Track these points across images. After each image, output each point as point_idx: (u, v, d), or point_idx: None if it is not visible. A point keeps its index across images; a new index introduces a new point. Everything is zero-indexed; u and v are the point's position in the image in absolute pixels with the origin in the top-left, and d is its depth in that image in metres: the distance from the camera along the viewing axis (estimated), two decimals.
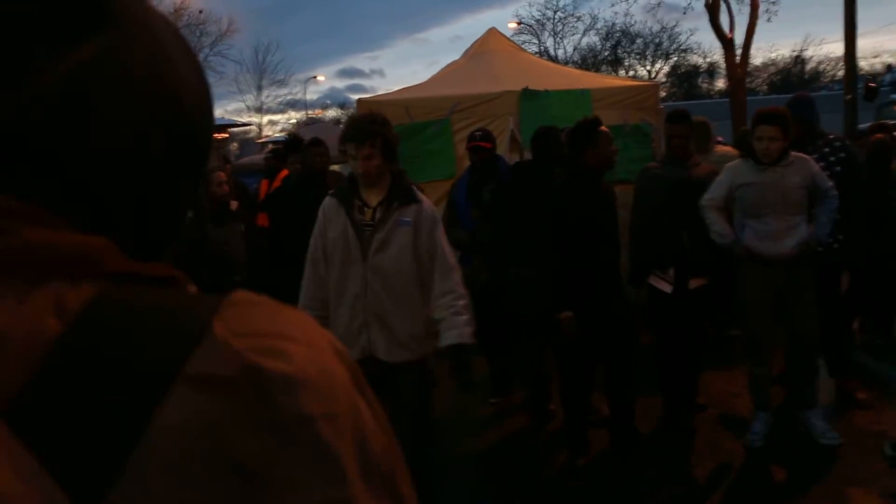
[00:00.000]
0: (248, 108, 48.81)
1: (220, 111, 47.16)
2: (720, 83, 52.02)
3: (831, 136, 5.13)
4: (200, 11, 36.40)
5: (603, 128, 4.52)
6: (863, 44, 68.99)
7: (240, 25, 45.13)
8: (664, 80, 52.09)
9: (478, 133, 5.48)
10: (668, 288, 4.85)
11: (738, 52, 21.12)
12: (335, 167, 6.98)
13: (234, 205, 5.52)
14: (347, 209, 3.42)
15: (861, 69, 49.87)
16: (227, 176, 5.66)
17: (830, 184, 4.54)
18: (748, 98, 24.56)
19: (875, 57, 60.62)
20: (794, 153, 4.53)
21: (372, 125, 3.37)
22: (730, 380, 5.63)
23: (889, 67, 59.91)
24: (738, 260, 4.64)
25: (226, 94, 78.55)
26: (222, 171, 5.61)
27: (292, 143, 6.84)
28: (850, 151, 5.07)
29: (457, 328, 3.42)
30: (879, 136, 6.45)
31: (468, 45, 9.38)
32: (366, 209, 3.43)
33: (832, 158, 4.98)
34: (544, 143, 5.15)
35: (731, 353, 6.07)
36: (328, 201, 3.52)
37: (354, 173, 3.45)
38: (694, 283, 4.87)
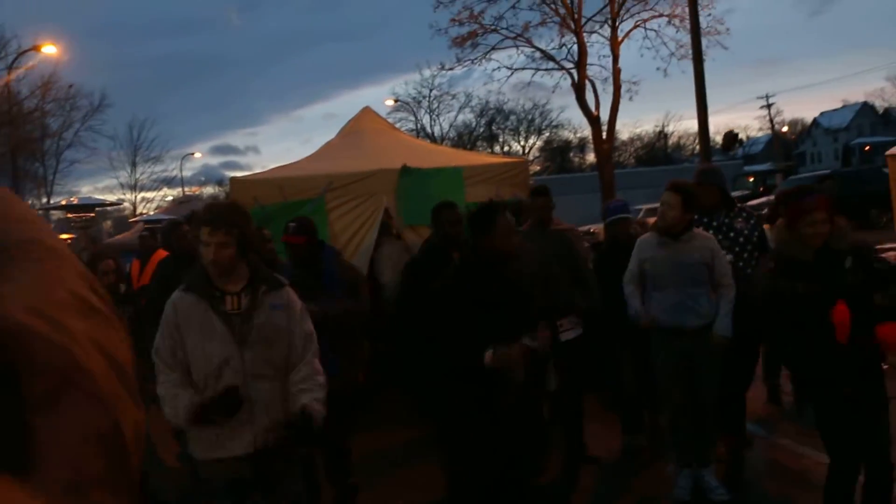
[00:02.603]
0: (122, 186, 47.40)
1: (90, 188, 45.51)
2: (591, 157, 54.44)
3: (739, 204, 5.54)
4: (70, 86, 35.36)
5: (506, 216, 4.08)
6: (717, 120, 74.22)
7: (112, 100, 43.80)
8: (537, 154, 54.12)
9: (291, 225, 4.92)
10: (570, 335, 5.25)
11: (605, 128, 22.25)
12: None
13: (122, 288, 5.37)
14: (211, 302, 3.21)
15: (717, 143, 53.50)
16: (115, 262, 5.49)
17: (728, 272, 4.74)
18: (617, 171, 25.83)
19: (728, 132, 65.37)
20: (697, 230, 4.78)
21: (232, 215, 3.26)
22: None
23: (741, 142, 64.37)
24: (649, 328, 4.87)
25: (98, 171, 76.01)
26: (111, 259, 5.44)
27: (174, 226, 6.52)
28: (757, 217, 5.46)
29: (311, 394, 3.28)
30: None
31: (341, 123, 9.53)
32: (227, 297, 3.24)
33: (752, 222, 5.30)
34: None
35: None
36: (181, 297, 3.25)
37: (204, 262, 3.25)
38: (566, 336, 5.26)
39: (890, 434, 3.74)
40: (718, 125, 71.69)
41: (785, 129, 65.06)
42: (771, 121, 57.68)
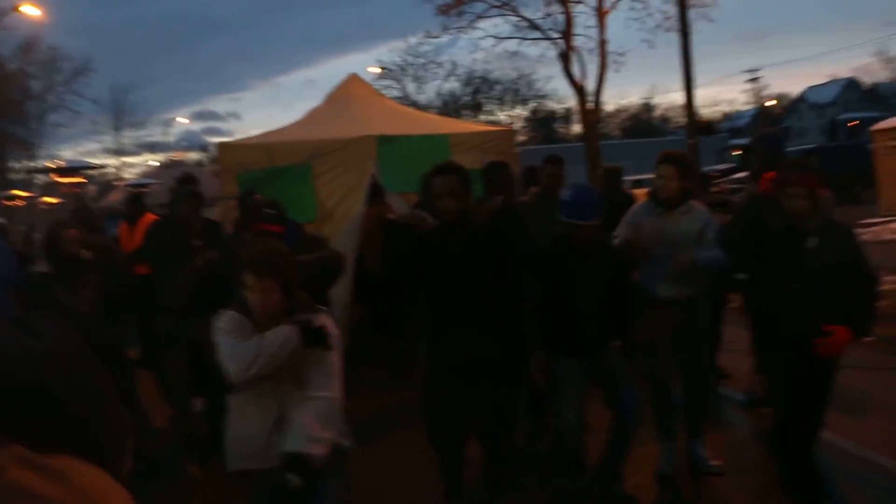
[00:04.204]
0: (105, 150, 46.97)
1: (72, 152, 45.07)
2: (577, 128, 54.22)
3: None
4: (52, 48, 34.89)
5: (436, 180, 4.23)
6: (703, 93, 74.41)
7: (95, 63, 43.10)
8: (523, 124, 53.86)
9: (270, 213, 4.81)
10: None
11: (591, 98, 22.21)
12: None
13: (85, 254, 5.30)
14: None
15: (702, 117, 53.60)
16: (80, 232, 5.41)
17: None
18: (603, 142, 25.81)
19: (714, 106, 65.52)
20: (694, 202, 4.74)
21: (277, 258, 3.20)
22: None
23: (727, 116, 64.10)
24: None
25: (81, 135, 75.21)
26: (74, 229, 5.37)
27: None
28: None
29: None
30: None
31: (322, 90, 9.55)
32: None
33: None
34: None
35: None
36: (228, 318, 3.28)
37: (252, 309, 3.20)
38: None
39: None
40: (705, 98, 72.04)
41: (771, 103, 65.16)
42: (757, 95, 57.80)
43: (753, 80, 56.95)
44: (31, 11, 25.25)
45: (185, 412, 6.03)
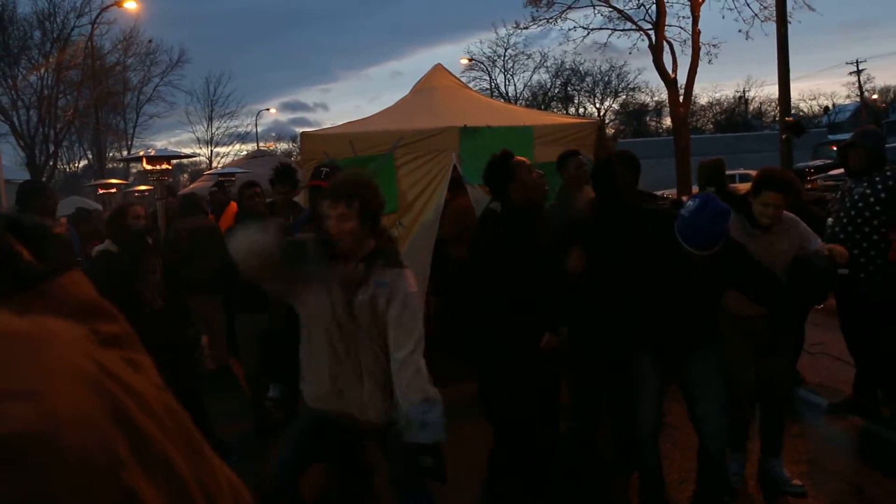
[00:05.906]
0: (198, 140, 48.44)
1: (166, 142, 46.67)
2: (668, 121, 53.05)
3: (888, 168, 5.31)
4: (150, 41, 36.20)
5: (519, 158, 4.21)
6: (802, 86, 71.61)
7: (190, 55, 44.57)
8: (613, 117, 52.97)
9: (324, 170, 4.82)
10: None
11: (682, 91, 21.62)
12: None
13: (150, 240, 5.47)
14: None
15: (801, 111, 51.48)
16: (144, 209, 5.62)
17: (819, 243, 4.50)
18: (694, 136, 25.12)
19: (813, 99, 62.95)
20: (786, 215, 4.39)
21: (351, 186, 3.14)
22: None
23: (826, 109, 61.55)
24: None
25: (175, 125, 77.97)
26: (140, 206, 5.59)
27: (283, 172, 6.58)
28: None
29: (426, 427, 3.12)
30: None
31: (408, 81, 9.52)
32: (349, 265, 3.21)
33: (879, 186, 5.21)
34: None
35: None
36: None
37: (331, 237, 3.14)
38: None
39: None
40: (803, 91, 69.20)
41: (875, 96, 62.21)
42: (860, 87, 55.24)
43: (857, 72, 54.45)
44: (130, 6, 26.28)
45: (259, 398, 6.11)
